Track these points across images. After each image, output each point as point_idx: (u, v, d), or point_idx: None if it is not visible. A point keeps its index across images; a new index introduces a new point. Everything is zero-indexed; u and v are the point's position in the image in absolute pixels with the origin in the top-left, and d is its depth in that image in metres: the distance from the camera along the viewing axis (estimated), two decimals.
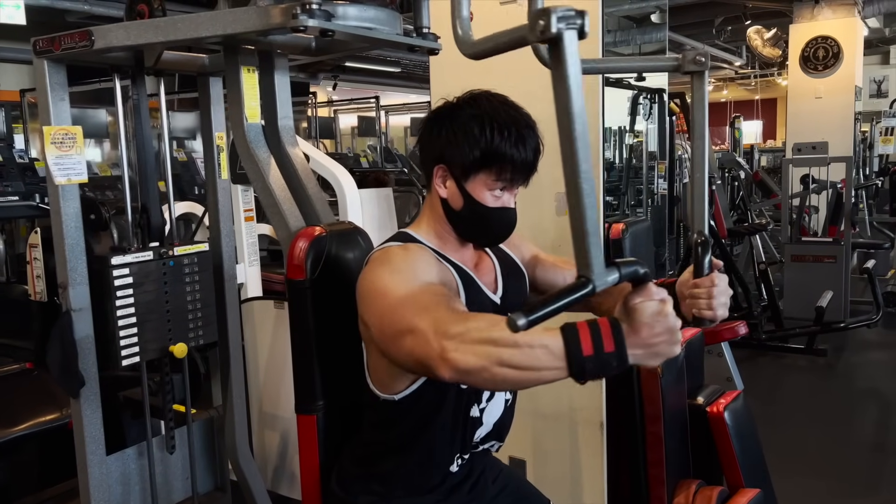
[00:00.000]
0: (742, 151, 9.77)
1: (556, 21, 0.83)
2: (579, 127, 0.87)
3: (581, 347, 0.96)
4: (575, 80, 0.86)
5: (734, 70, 13.54)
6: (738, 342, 4.68)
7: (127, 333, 1.75)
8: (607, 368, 0.97)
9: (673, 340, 0.98)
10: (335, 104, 10.23)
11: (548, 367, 0.98)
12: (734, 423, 2.42)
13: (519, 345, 0.98)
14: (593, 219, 0.90)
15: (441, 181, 1.34)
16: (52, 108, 1.62)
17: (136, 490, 1.93)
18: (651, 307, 0.97)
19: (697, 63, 1.31)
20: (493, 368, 1.00)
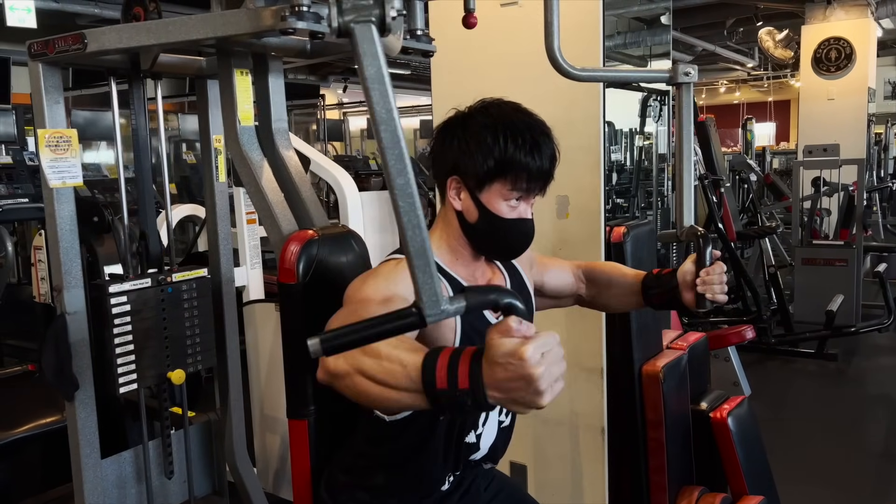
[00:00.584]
0: (754, 154, 9.70)
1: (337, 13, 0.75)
2: (387, 136, 0.77)
3: (435, 379, 0.88)
4: (376, 83, 0.76)
5: (746, 72, 13.45)
6: (746, 346, 4.64)
7: (124, 361, 1.75)
8: (461, 407, 0.88)
9: (532, 390, 0.82)
10: (345, 107, 10.25)
11: (405, 389, 0.91)
12: (738, 429, 2.39)
13: (381, 357, 0.93)
14: (417, 239, 0.79)
15: (455, 193, 1.30)
16: (47, 110, 1.63)
17: (132, 493, 1.92)
18: (505, 346, 0.83)
19: (687, 75, 1.38)
20: (355, 377, 0.96)
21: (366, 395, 0.96)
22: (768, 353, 4.90)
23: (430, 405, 0.90)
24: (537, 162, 1.25)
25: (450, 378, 0.87)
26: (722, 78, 15.17)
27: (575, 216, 2.25)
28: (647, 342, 2.28)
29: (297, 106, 8.65)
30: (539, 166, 1.26)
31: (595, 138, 2.19)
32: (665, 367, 2.22)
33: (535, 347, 0.82)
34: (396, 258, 1.28)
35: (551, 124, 2.22)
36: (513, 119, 1.26)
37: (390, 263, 1.26)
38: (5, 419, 2.56)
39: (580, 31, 2.13)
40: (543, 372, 0.82)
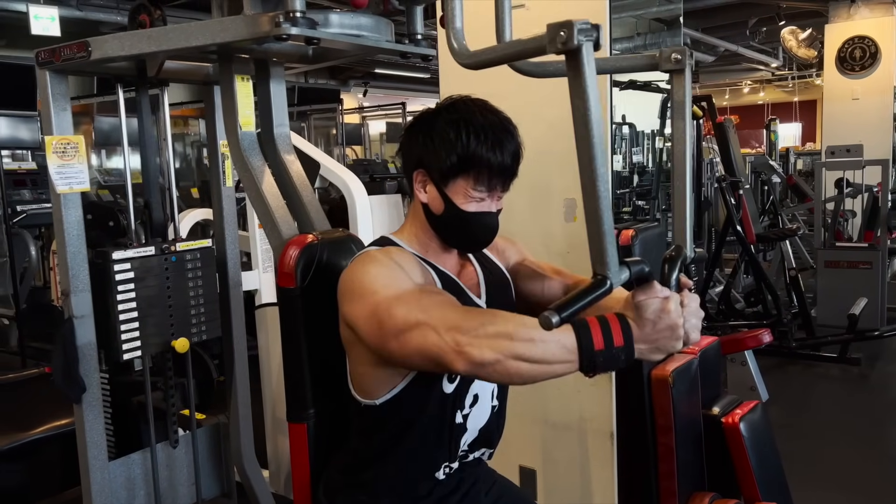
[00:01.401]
0: (778, 155, 9.57)
1: (577, 34, 0.88)
2: (597, 134, 0.93)
3: (592, 342, 1.02)
4: (593, 90, 0.92)
5: (771, 72, 13.29)
6: (767, 350, 4.57)
7: (128, 328, 1.78)
8: (616, 362, 1.03)
9: (675, 336, 1.04)
10: (364, 111, 10.30)
11: (560, 361, 1.03)
12: (751, 435, 2.35)
13: (534, 340, 1.03)
14: (609, 220, 0.95)
15: (421, 186, 1.33)
16: (55, 117, 1.65)
17: (140, 495, 1.94)
18: (654, 304, 1.04)
19: (675, 61, 1.15)
20: (508, 362, 1.04)
21: (517, 375, 1.06)
22: (789, 358, 4.83)
23: (584, 368, 1.04)
24: (499, 158, 1.27)
25: (605, 339, 1.02)
26: (746, 78, 15.00)
27: (583, 219, 2.23)
28: None
29: (316, 110, 8.69)
30: (501, 163, 1.27)
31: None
32: (675, 372, 2.20)
33: (675, 303, 1.05)
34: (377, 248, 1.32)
35: (559, 127, 2.23)
36: (476, 116, 1.28)
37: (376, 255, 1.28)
38: (23, 420, 2.61)
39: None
40: (682, 321, 1.05)
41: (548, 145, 2.22)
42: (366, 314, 1.19)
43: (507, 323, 1.07)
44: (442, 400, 1.32)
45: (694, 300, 1.13)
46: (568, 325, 1.03)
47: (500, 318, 1.09)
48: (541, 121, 2.21)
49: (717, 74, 13.67)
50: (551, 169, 2.23)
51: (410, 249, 1.35)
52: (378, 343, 1.20)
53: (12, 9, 6.03)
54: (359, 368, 1.31)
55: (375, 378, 1.28)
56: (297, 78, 10.10)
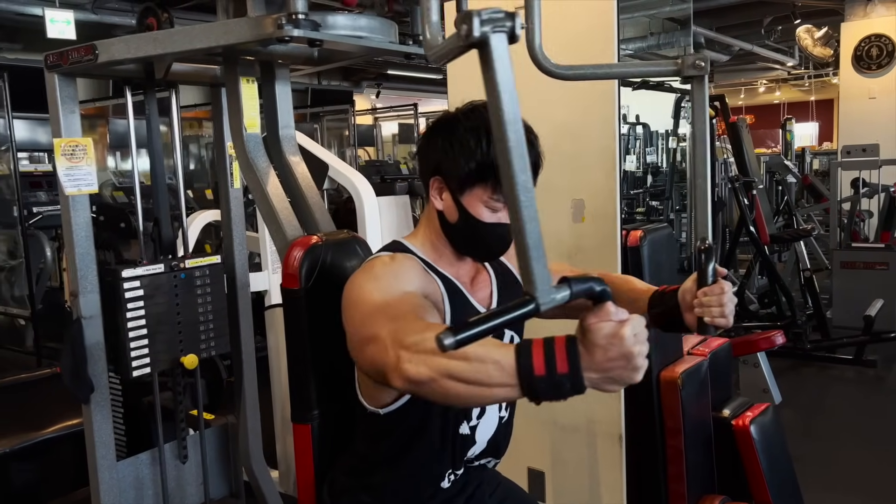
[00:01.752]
0: (794, 155, 9.48)
1: (478, 25, 0.79)
2: (513, 136, 0.82)
3: (533, 367, 0.91)
4: (506, 88, 0.81)
5: (787, 71, 13.17)
6: (781, 352, 4.53)
7: (138, 345, 1.78)
8: (560, 390, 0.91)
9: (630, 367, 0.90)
10: (377, 112, 10.32)
11: (499, 384, 0.94)
12: (761, 438, 2.33)
13: (469, 359, 0.94)
14: (534, 231, 0.85)
15: (437, 193, 1.31)
16: (63, 120, 1.67)
17: (149, 494, 1.96)
18: (606, 328, 0.89)
19: (697, 67, 1.26)
20: (442, 381, 0.96)
21: (454, 397, 0.98)
22: (804, 360, 4.78)
23: (524, 394, 0.93)
24: None
25: (547, 364, 0.91)
26: (761, 78, 14.88)
27: (590, 220, 2.22)
28: (665, 348, 2.24)
29: (328, 112, 8.72)
30: None
31: (611, 140, 2.16)
32: (684, 374, 2.18)
33: (631, 328, 0.89)
34: (387, 255, 1.30)
35: (566, 127, 2.23)
36: None
37: (382, 260, 1.27)
38: (36, 419, 2.63)
39: (594, 33, 2.11)
40: (640, 350, 0.90)
41: (555, 145, 2.20)
42: (349, 325, 1.20)
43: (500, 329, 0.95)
44: (445, 412, 1.30)
45: (730, 287, 1.25)
46: (512, 346, 0.94)
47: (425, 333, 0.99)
48: (548, 121, 2.19)
49: (731, 74, 13.57)
50: (558, 169, 2.22)
51: (422, 255, 1.33)
52: (352, 354, 1.19)
53: (28, 13, 6.09)
54: (364, 375, 1.31)
55: (379, 386, 1.27)
56: (311, 80, 10.14)
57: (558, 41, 2.05)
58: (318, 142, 8.79)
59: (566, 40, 2.11)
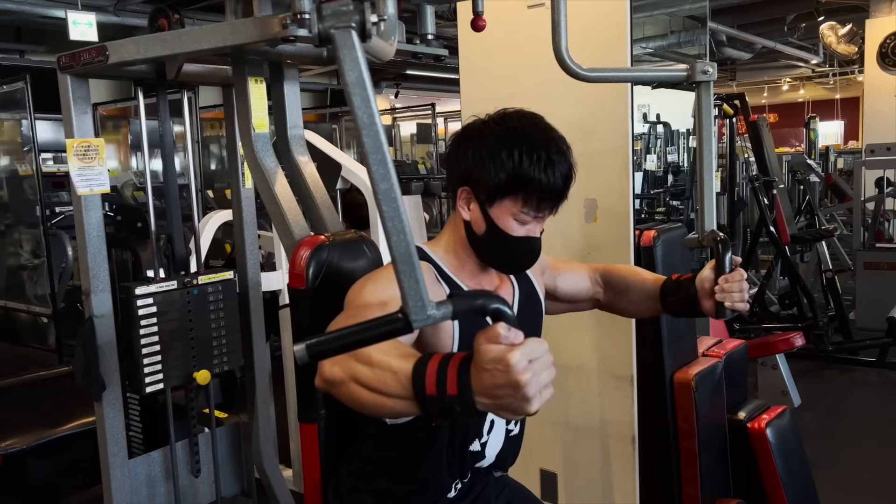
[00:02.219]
0: (818, 154, 9.35)
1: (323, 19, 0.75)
2: (369, 141, 0.77)
3: (425, 385, 0.88)
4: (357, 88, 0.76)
5: (811, 68, 12.99)
6: (802, 354, 4.47)
7: (151, 361, 1.80)
8: (450, 413, 0.87)
9: (519, 396, 0.82)
10: (395, 112, 10.35)
11: (396, 395, 0.91)
12: (778, 441, 2.30)
13: (372, 364, 0.92)
14: (401, 245, 0.80)
15: (465, 203, 1.28)
16: (76, 121, 1.68)
17: (161, 493, 1.97)
18: (492, 352, 0.83)
19: (705, 73, 1.35)
20: (350, 384, 0.95)
21: (360, 403, 0.95)
22: (825, 362, 4.70)
23: (420, 411, 0.90)
24: (550, 180, 1.21)
25: (438, 384, 0.87)
26: (785, 76, 14.69)
27: (603, 220, 2.21)
28: (679, 349, 2.21)
29: (347, 112, 8.75)
30: (552, 184, 1.21)
31: (623, 139, 2.14)
32: (698, 375, 2.16)
33: (521, 354, 0.82)
34: None
35: (579, 126, 2.20)
36: (529, 133, 1.22)
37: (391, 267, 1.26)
38: (55, 417, 2.66)
39: (606, 32, 2.09)
40: (530, 379, 0.81)
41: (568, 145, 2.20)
42: None
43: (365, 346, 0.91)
44: (454, 429, 1.29)
45: (744, 273, 1.35)
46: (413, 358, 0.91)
47: None
48: (560, 120, 2.16)
49: (754, 72, 13.42)
50: None
51: (442, 264, 1.31)
52: None
53: (52, 15, 6.19)
54: None
55: None
56: (330, 80, 10.18)
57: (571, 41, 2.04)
58: (337, 142, 8.82)
59: (578, 39, 2.10)
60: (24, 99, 4.51)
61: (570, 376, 2.31)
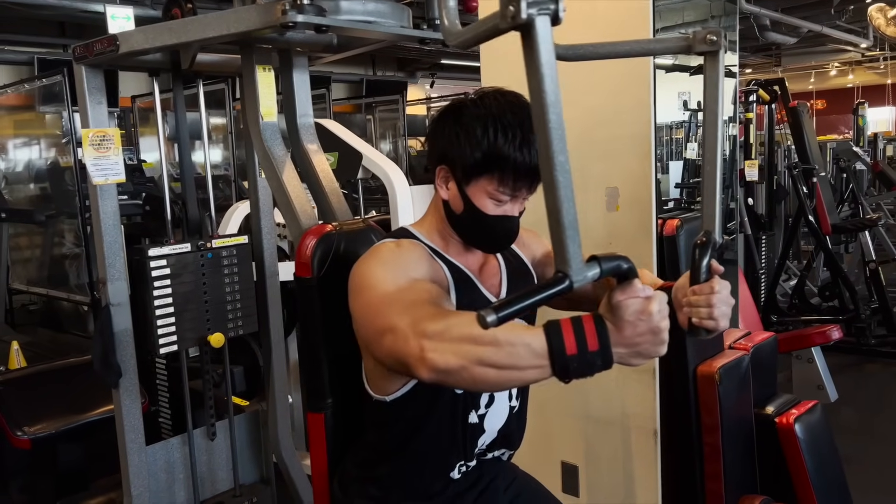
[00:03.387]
0: (866, 141, 9.04)
1: (525, 6, 0.79)
2: (553, 118, 0.83)
3: (564, 346, 0.93)
4: (549, 70, 0.82)
5: (860, 53, 12.55)
6: (843, 348, 4.33)
7: (165, 322, 1.82)
8: (592, 368, 0.94)
9: (657, 341, 0.94)
10: (430, 101, 10.33)
11: (530, 366, 0.95)
12: (807, 437, 2.23)
13: (500, 343, 0.95)
14: (570, 211, 0.86)
15: (443, 182, 1.28)
16: (91, 111, 1.70)
17: (180, 478, 2.00)
18: (634, 305, 0.93)
19: (709, 42, 1.16)
20: (474, 368, 0.97)
21: (484, 382, 1.00)
22: (867, 356, 4.55)
23: (557, 373, 0.95)
24: (526, 158, 1.19)
25: (578, 342, 0.93)
26: (833, 60, 14.22)
27: (625, 209, 2.16)
28: (702, 342, 2.16)
29: (381, 102, 8.76)
30: (527, 163, 1.20)
31: (645, 126, 2.09)
32: (722, 369, 2.10)
33: (658, 304, 0.94)
34: (392, 241, 1.28)
35: (600, 113, 2.16)
36: (506, 112, 1.21)
37: (388, 246, 1.26)
38: (85, 402, 2.72)
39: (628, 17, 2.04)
40: (666, 324, 0.95)
41: (587, 132, 2.15)
42: (360, 312, 1.18)
43: (472, 325, 0.94)
44: (453, 400, 1.29)
45: (725, 287, 1.16)
46: (539, 328, 0.95)
47: (465, 320, 0.98)
48: (580, 106, 2.14)
49: (800, 57, 13.00)
50: (591, 156, 2.16)
51: (429, 243, 1.31)
52: (365, 342, 1.19)
53: (92, 10, 6.30)
54: (370, 363, 1.30)
55: (385, 374, 1.26)
56: (366, 70, 10.20)
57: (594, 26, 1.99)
58: (372, 133, 8.84)
59: (602, 24, 2.05)
60: (62, 92, 4.61)
61: None
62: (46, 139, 5.88)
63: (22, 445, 2.37)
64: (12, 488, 2.91)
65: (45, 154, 5.81)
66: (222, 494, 2.08)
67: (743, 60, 12.59)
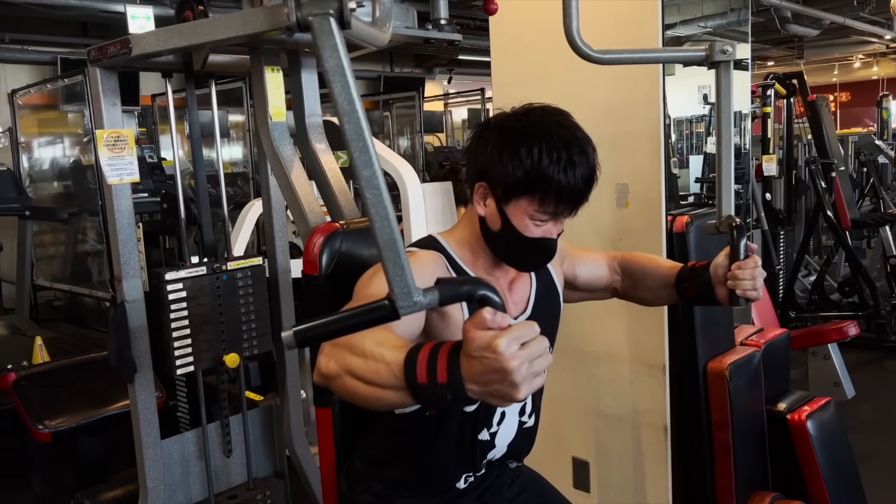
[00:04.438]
0: (891, 134, 8.89)
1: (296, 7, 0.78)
2: (350, 128, 0.77)
3: (416, 373, 0.88)
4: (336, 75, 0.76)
5: (885, 44, 12.35)
6: (862, 344, 4.29)
7: (181, 344, 1.86)
8: (441, 400, 0.87)
9: (509, 383, 0.81)
10: (447, 98, 10.34)
11: (389, 386, 0.90)
12: (819, 433, 2.22)
13: (366, 356, 0.92)
14: (385, 231, 0.81)
15: (481, 199, 1.25)
16: (105, 112, 1.74)
17: (194, 472, 2.04)
18: (478, 339, 0.83)
19: (724, 53, 1.34)
20: (345, 378, 0.94)
21: (356, 396, 0.95)
22: (887, 352, 4.50)
23: (413, 401, 0.90)
24: (570, 181, 1.16)
25: (429, 372, 0.87)
26: (856, 52, 13.99)
27: (635, 205, 2.16)
28: (713, 338, 2.15)
29: (397, 99, 8.79)
30: (571, 186, 1.17)
31: (655, 123, 2.09)
32: (733, 365, 2.10)
33: (509, 340, 0.81)
34: (409, 251, 1.27)
35: (609, 109, 2.16)
36: (551, 131, 1.18)
37: None
38: (104, 396, 2.77)
39: (636, 13, 2.03)
40: (518, 365, 0.81)
41: (597, 129, 2.12)
42: None
43: (364, 336, 0.93)
44: (462, 419, 1.29)
45: (758, 260, 1.34)
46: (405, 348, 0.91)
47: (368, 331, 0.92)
48: (590, 104, 2.14)
49: (823, 49, 12.81)
50: (601, 153, 2.12)
51: (456, 256, 1.29)
52: None
53: (113, 10, 6.38)
54: None
55: None
56: (383, 67, 10.23)
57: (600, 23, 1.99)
58: (390, 130, 8.87)
59: (609, 21, 2.05)
60: (83, 91, 4.69)
61: (602, 364, 2.28)
62: (69, 138, 5.97)
63: (43, 439, 2.43)
64: (35, 481, 2.98)
65: (68, 153, 5.91)
66: (236, 488, 2.12)
67: (764, 53, 12.43)
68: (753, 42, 10.98)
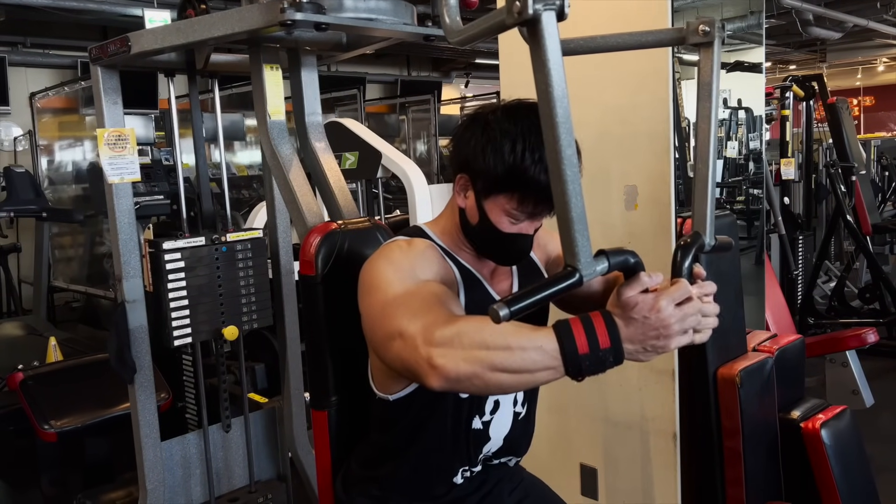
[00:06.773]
0: None
1: (532, 2, 0.80)
2: (560, 112, 0.85)
3: (576, 345, 0.93)
4: (555, 65, 0.83)
5: None
6: (883, 351, 4.19)
7: (179, 315, 1.84)
8: (604, 365, 0.94)
9: (666, 335, 0.93)
10: (465, 101, 10.31)
11: (543, 368, 0.95)
12: (834, 442, 2.16)
13: (511, 348, 0.95)
14: (578, 206, 0.87)
15: (462, 190, 1.25)
16: (106, 111, 1.74)
17: (196, 474, 2.02)
18: (643, 301, 0.93)
19: (703, 34, 1.10)
20: (486, 374, 0.96)
21: (497, 387, 0.99)
22: None
23: (570, 373, 0.95)
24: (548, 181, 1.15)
25: (590, 341, 0.93)
26: (881, 55, 13.78)
27: (644, 207, 2.12)
28: (724, 343, 2.10)
29: (413, 102, 8.77)
30: None
31: (664, 123, 2.04)
32: (743, 371, 2.05)
33: (667, 299, 0.93)
34: (403, 240, 1.26)
35: (618, 110, 2.12)
36: (537, 129, 1.11)
37: (399, 244, 1.24)
38: (108, 397, 2.78)
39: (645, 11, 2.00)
40: (676, 322, 0.93)
41: (606, 129, 2.12)
42: (368, 314, 1.17)
43: (482, 331, 0.96)
44: (457, 404, 1.27)
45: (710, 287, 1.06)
46: (549, 329, 0.95)
47: (475, 325, 0.98)
48: (599, 104, 2.11)
49: (846, 52, 12.63)
50: (610, 154, 2.13)
51: (440, 243, 1.29)
52: (373, 345, 1.18)
53: (131, 14, 6.44)
54: (376, 361, 1.29)
55: (390, 373, 1.25)
56: (400, 71, 10.23)
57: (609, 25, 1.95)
58: (406, 134, 8.86)
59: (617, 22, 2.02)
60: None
61: (610, 370, 2.24)
62: (89, 141, 6.02)
63: (49, 439, 2.43)
64: (44, 481, 2.98)
65: (87, 155, 5.96)
66: (238, 490, 2.10)
67: (786, 56, 12.28)
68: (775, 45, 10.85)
